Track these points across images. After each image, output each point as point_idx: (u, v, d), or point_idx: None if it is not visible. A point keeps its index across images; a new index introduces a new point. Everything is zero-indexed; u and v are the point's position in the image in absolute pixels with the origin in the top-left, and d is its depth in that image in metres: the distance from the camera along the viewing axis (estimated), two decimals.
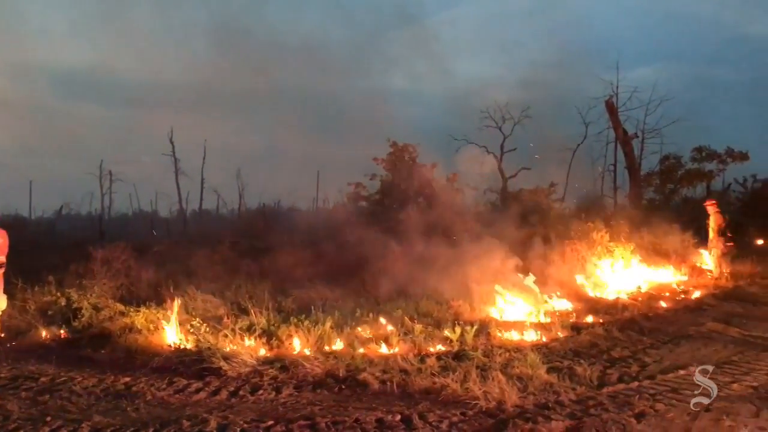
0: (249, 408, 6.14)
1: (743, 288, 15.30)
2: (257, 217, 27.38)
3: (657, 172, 31.38)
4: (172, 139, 30.89)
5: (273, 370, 7.36)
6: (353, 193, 21.35)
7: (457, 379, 6.66)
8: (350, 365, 7.41)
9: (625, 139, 29.20)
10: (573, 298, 12.85)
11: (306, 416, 5.71)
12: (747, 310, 12.24)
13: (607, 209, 23.88)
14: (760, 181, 31.34)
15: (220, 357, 7.54)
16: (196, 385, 6.91)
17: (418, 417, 5.64)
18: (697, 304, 13.00)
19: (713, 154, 30.53)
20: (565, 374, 7.15)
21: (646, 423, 5.59)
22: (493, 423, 5.61)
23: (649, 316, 11.25)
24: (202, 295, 11.42)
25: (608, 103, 29.19)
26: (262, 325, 9.08)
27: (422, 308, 10.96)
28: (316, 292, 11.98)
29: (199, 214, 32.48)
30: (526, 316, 11.05)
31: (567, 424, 5.54)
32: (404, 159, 20.86)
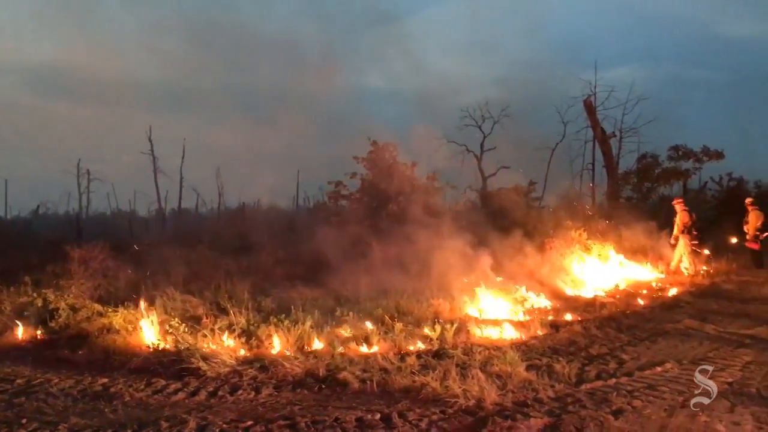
0: (228, 408, 6.11)
1: (719, 285, 15.52)
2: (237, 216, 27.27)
3: (634, 171, 31.68)
4: (150, 138, 30.67)
5: (252, 370, 7.33)
6: (333, 192, 21.34)
7: (437, 378, 6.68)
8: (330, 364, 7.40)
9: (603, 138, 29.46)
10: (552, 296, 12.94)
11: (286, 416, 5.70)
12: (722, 307, 12.39)
13: (585, 208, 24.04)
14: (736, 180, 31.76)
15: (199, 357, 7.50)
16: (174, 386, 6.86)
17: (397, 416, 5.65)
18: (674, 301, 13.15)
19: (689, 153, 30.87)
20: (543, 372, 7.20)
21: (623, 419, 5.64)
22: (472, 421, 5.64)
23: (626, 313, 11.36)
24: (181, 295, 11.34)
25: (586, 103, 29.43)
26: (241, 324, 9.05)
27: (402, 307, 10.97)
28: (296, 292, 11.96)
29: (178, 213, 32.24)
30: (505, 314, 11.11)
31: (545, 421, 5.58)
32: (384, 158, 20.88)
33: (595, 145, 30.60)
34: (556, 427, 5.44)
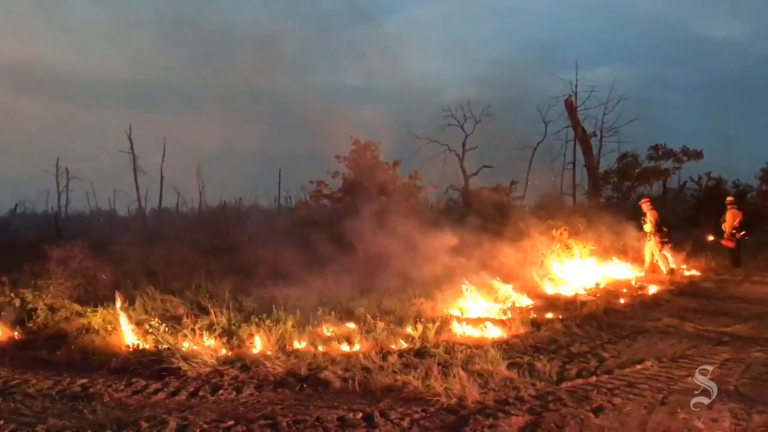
0: (209, 408, 6.08)
1: (698, 283, 15.68)
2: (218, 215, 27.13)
3: (615, 171, 31.98)
4: (130, 136, 30.46)
5: (234, 369, 7.29)
6: (315, 191, 21.28)
7: (418, 376, 6.68)
8: (312, 364, 7.39)
9: (584, 137, 29.69)
10: (533, 295, 13.00)
11: (267, 416, 5.68)
12: (701, 305, 12.51)
13: (566, 207, 24.21)
14: (715, 180, 32.14)
15: (180, 357, 7.45)
16: (155, 386, 6.81)
17: (379, 415, 5.65)
18: (653, 299, 13.25)
19: (669, 153, 31.23)
20: (525, 370, 7.23)
21: (603, 417, 5.68)
22: (454, 419, 5.65)
23: (607, 311, 11.42)
24: (161, 295, 11.27)
25: (567, 102, 29.66)
26: (222, 324, 9.01)
27: (384, 306, 10.98)
28: (278, 291, 11.89)
29: (158, 212, 32.04)
30: (487, 313, 11.15)
31: (527, 419, 5.61)
32: (366, 157, 20.86)
33: (576, 145, 30.85)
34: (537, 425, 5.47)
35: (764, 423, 5.43)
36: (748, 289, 14.90)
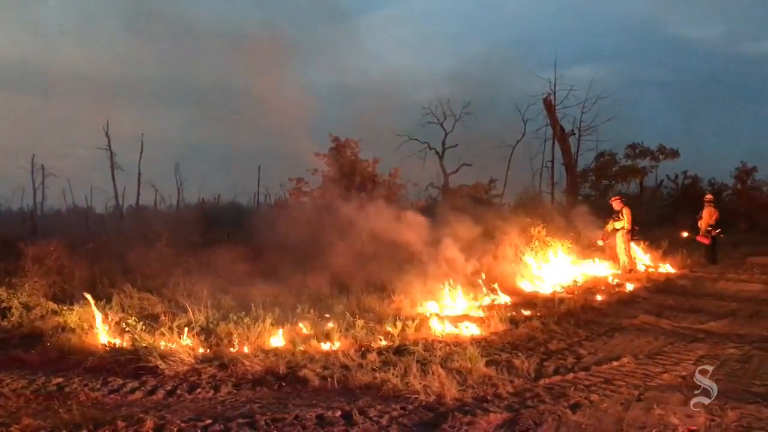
0: (187, 407, 6.04)
1: (674, 281, 15.87)
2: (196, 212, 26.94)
3: (593, 169, 32.27)
4: (107, 133, 30.13)
5: (211, 368, 7.24)
6: (294, 188, 21.20)
7: (397, 374, 6.68)
8: (290, 362, 7.36)
9: (562, 136, 29.92)
10: (511, 292, 13.08)
11: (245, 414, 5.65)
12: (677, 302, 12.68)
13: (544, 205, 24.36)
14: (691, 178, 32.52)
15: (157, 355, 7.38)
16: (131, 385, 6.74)
17: (358, 412, 5.64)
18: (630, 297, 13.40)
19: (646, 151, 31.56)
20: (503, 367, 7.27)
21: (581, 413, 5.73)
22: (432, 416, 5.66)
23: (584, 309, 11.51)
24: (138, 293, 11.18)
25: (546, 101, 29.86)
26: (200, 322, 8.95)
27: (364, 304, 10.99)
28: (257, 289, 11.83)
29: (136, 209, 31.72)
30: (465, 311, 11.19)
31: (505, 416, 5.63)
32: (346, 154, 20.83)
33: (555, 143, 31.05)
34: (515, 422, 5.49)
35: (738, 418, 5.51)
36: (723, 286, 15.12)
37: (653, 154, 31.57)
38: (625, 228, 17.20)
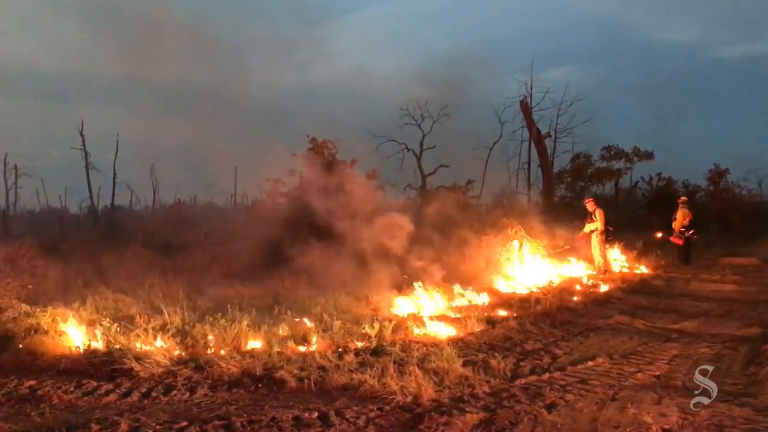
0: (162, 409, 5.98)
1: (648, 281, 16.04)
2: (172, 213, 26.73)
3: (568, 170, 32.48)
4: (82, 132, 29.76)
5: (187, 370, 7.18)
6: (272, 189, 21.10)
7: (374, 375, 6.69)
8: (267, 363, 7.32)
9: (539, 138, 30.13)
10: (488, 293, 13.13)
11: (221, 416, 5.62)
12: (651, 303, 12.82)
13: (521, 206, 24.51)
14: (665, 180, 32.88)
15: (132, 358, 7.30)
16: (106, 387, 6.67)
17: (335, 414, 5.64)
18: (605, 297, 13.52)
19: (621, 153, 31.82)
20: (479, 367, 7.30)
21: (556, 413, 5.77)
22: (409, 417, 5.67)
23: (560, 309, 11.60)
24: (113, 294, 11.06)
25: (522, 103, 30.05)
26: (176, 324, 8.87)
27: (341, 305, 10.97)
28: (233, 290, 11.80)
29: (111, 210, 31.37)
30: (443, 311, 11.22)
31: (481, 416, 5.66)
32: (324, 155, 20.78)
33: (531, 145, 31.25)
34: (491, 422, 5.53)
35: (709, 417, 5.59)
36: (696, 286, 15.31)
37: (628, 156, 31.86)
38: (598, 229, 17.37)
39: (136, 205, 32.80)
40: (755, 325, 10.32)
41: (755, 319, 10.88)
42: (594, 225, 17.49)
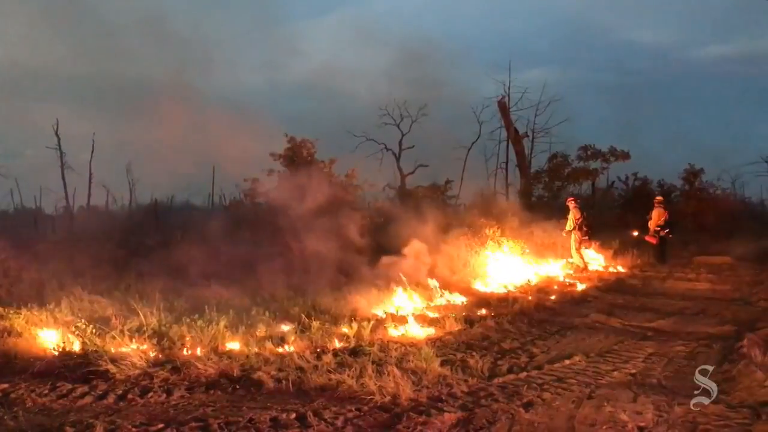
0: (138, 411, 5.93)
1: (624, 280, 16.19)
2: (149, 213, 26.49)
3: (546, 170, 32.64)
4: (57, 132, 29.33)
5: (164, 371, 7.13)
6: (250, 189, 21.01)
7: (353, 375, 6.69)
8: (245, 365, 7.29)
9: (516, 138, 30.28)
10: (466, 292, 13.19)
11: (198, 418, 5.59)
12: (627, 301, 12.95)
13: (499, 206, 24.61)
14: (641, 180, 33.19)
15: (108, 359, 7.24)
16: (81, 390, 6.59)
17: (313, 414, 5.63)
18: (582, 296, 13.63)
19: (597, 153, 32.03)
20: (457, 367, 7.32)
21: (533, 412, 5.81)
22: (387, 417, 5.68)
23: (537, 308, 11.68)
24: (89, 296, 10.93)
25: (500, 103, 30.18)
26: (152, 325, 8.80)
27: (320, 305, 10.94)
28: (211, 291, 11.70)
29: (87, 210, 30.98)
30: (421, 311, 11.24)
31: (459, 415, 5.68)
32: (302, 155, 20.74)
33: (509, 145, 31.38)
34: (469, 421, 5.55)
35: (684, 414, 5.65)
36: (671, 285, 15.50)
37: (604, 155, 32.08)
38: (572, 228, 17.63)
39: (113, 205, 32.41)
40: (729, 323, 10.48)
41: (729, 317, 11.03)
42: (569, 223, 17.81)
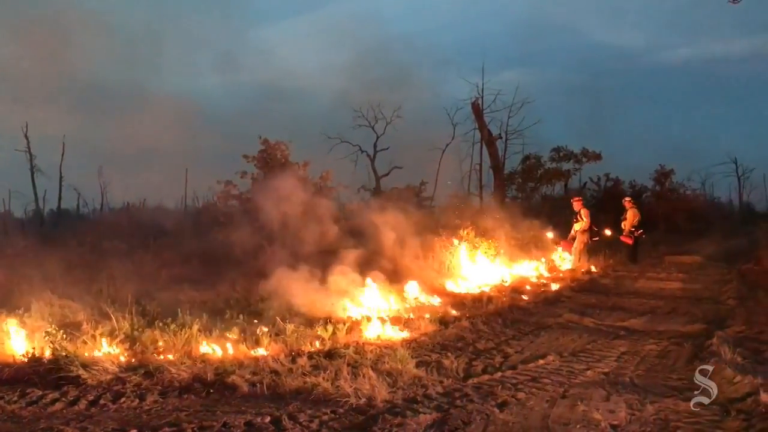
0: (110, 417, 5.86)
1: (597, 280, 16.36)
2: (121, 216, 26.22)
3: (519, 171, 32.93)
4: (26, 134, 28.94)
5: (136, 376, 7.04)
6: (223, 191, 20.86)
7: (328, 378, 6.67)
8: (219, 368, 7.23)
9: (490, 139, 30.46)
10: (441, 293, 13.21)
11: (171, 422, 5.53)
12: (600, 301, 13.07)
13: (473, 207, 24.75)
14: (612, 180, 33.61)
15: (79, 365, 7.13)
16: (52, 396, 6.49)
17: (288, 418, 5.60)
18: (555, 296, 13.74)
19: (570, 155, 32.43)
20: (433, 368, 7.34)
21: (508, 412, 5.84)
22: (363, 419, 5.67)
23: (512, 308, 11.75)
24: (59, 300, 10.77)
25: (474, 105, 30.35)
26: (124, 330, 8.68)
27: (294, 308, 10.88)
28: (184, 295, 11.60)
29: (57, 213, 30.56)
30: (396, 312, 11.24)
31: (434, 416, 5.69)
32: (276, 157, 20.64)
33: (483, 147, 31.57)
34: (444, 422, 5.56)
35: (656, 411, 5.73)
36: (643, 284, 15.69)
37: (577, 156, 32.48)
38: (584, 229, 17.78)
39: (84, 208, 32.03)
40: (699, 321, 10.63)
41: (699, 316, 11.19)
42: (581, 224, 17.91)
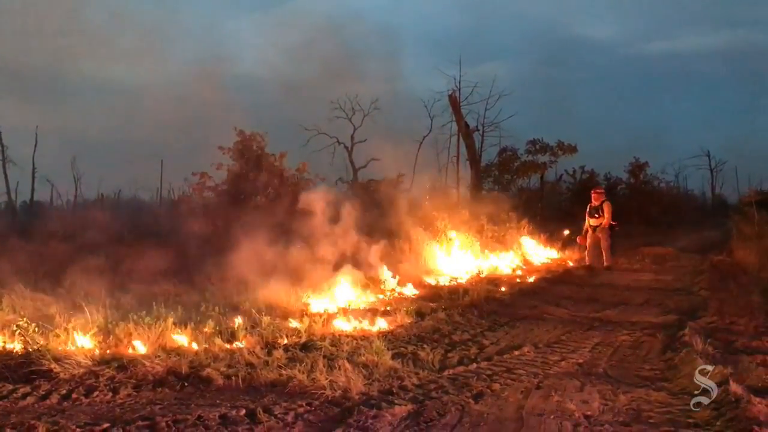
0: (83, 411, 5.79)
1: (572, 272, 16.52)
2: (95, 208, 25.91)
3: (496, 164, 33.07)
4: None
5: (110, 370, 6.97)
6: (198, 183, 20.71)
7: (303, 370, 6.65)
8: (194, 362, 7.18)
9: (467, 132, 30.52)
10: (417, 285, 13.25)
11: (145, 416, 5.48)
12: (574, 292, 13.20)
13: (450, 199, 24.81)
14: (588, 173, 33.90)
15: (51, 358, 7.04)
16: (23, 390, 6.39)
17: (263, 410, 5.58)
18: (531, 287, 13.84)
19: (546, 147, 32.59)
20: (409, 359, 7.35)
21: (483, 403, 5.87)
22: (338, 411, 5.66)
23: (488, 300, 11.80)
24: (31, 293, 10.64)
25: (451, 98, 30.37)
26: (98, 323, 8.60)
27: (270, 300, 10.84)
28: (158, 287, 11.51)
29: (30, 205, 30.13)
30: (373, 304, 11.26)
31: (410, 408, 5.70)
32: (252, 148, 20.53)
33: (460, 139, 31.63)
34: (419, 414, 5.57)
35: (629, 401, 5.80)
36: (617, 276, 15.87)
37: (552, 149, 32.65)
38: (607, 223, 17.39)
39: (57, 200, 31.60)
40: (672, 312, 10.78)
41: (672, 307, 11.34)
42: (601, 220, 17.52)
